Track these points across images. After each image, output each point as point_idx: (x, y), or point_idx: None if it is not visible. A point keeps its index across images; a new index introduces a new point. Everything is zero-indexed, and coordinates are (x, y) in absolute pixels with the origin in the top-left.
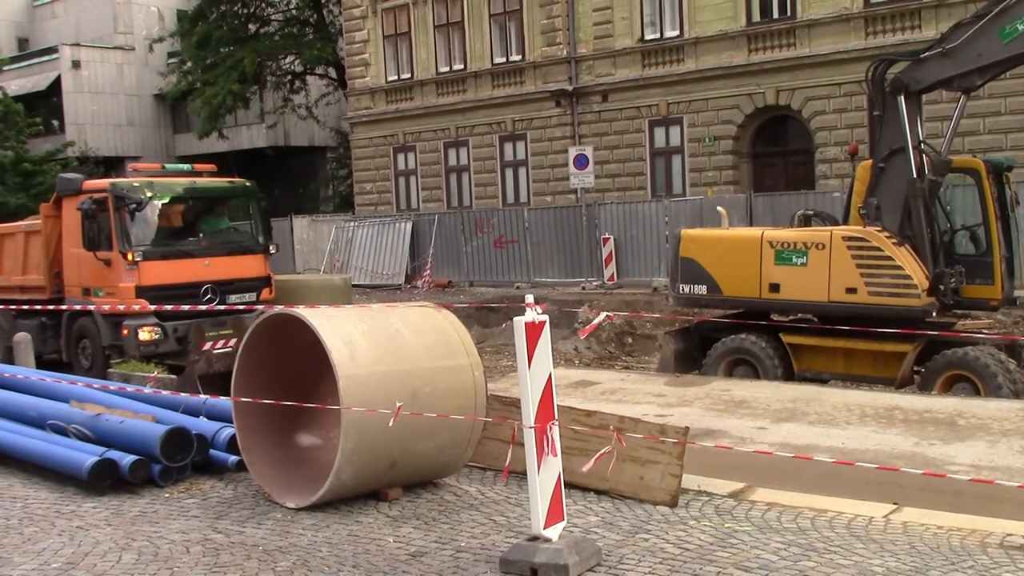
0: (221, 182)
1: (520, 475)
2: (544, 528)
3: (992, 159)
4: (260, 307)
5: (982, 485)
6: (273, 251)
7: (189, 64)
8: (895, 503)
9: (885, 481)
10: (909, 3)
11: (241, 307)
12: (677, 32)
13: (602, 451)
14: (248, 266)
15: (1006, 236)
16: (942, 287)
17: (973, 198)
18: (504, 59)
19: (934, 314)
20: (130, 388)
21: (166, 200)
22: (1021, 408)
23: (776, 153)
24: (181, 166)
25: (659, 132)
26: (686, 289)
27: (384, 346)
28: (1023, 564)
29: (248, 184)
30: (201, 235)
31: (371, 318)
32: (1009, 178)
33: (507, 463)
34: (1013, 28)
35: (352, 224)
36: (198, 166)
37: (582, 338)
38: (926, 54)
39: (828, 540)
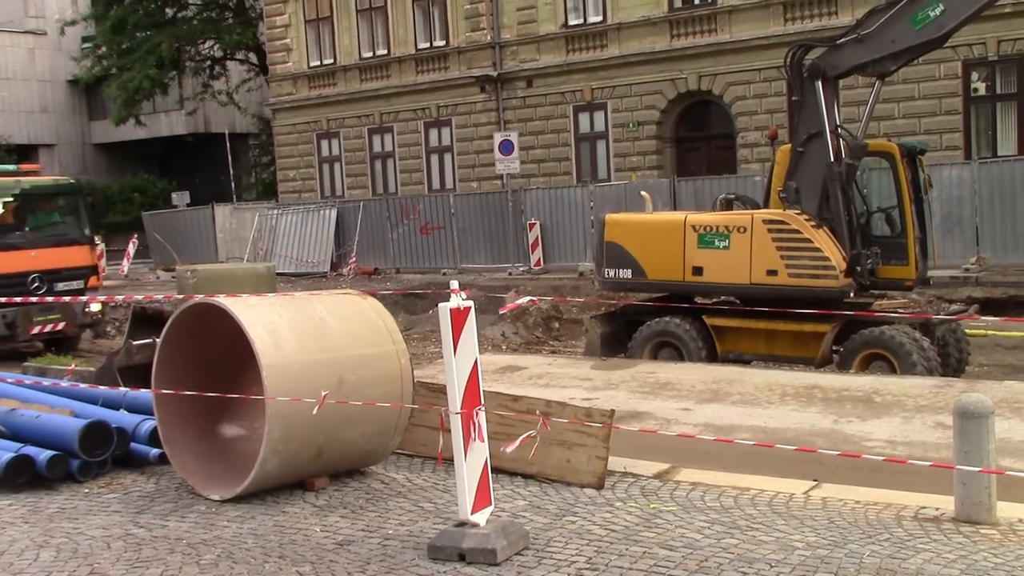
0: (46, 180)
1: (448, 461)
2: (472, 513)
3: (906, 143)
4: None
5: (906, 464)
6: (99, 243)
7: (104, 49)
8: (815, 480)
9: (806, 458)
10: None
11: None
12: (600, 18)
13: (525, 434)
14: (74, 256)
15: (920, 218)
16: (859, 268)
17: (888, 181)
18: (428, 44)
19: (852, 294)
20: (47, 382)
21: None
22: (934, 385)
23: (699, 138)
24: (7, 167)
25: (584, 117)
26: (611, 273)
27: (309, 334)
28: (936, 536)
29: (72, 182)
30: (28, 229)
31: (295, 306)
32: (923, 161)
33: (439, 450)
34: (925, 15)
35: (276, 212)
36: (24, 166)
37: (501, 313)
38: (842, 40)
39: (751, 517)
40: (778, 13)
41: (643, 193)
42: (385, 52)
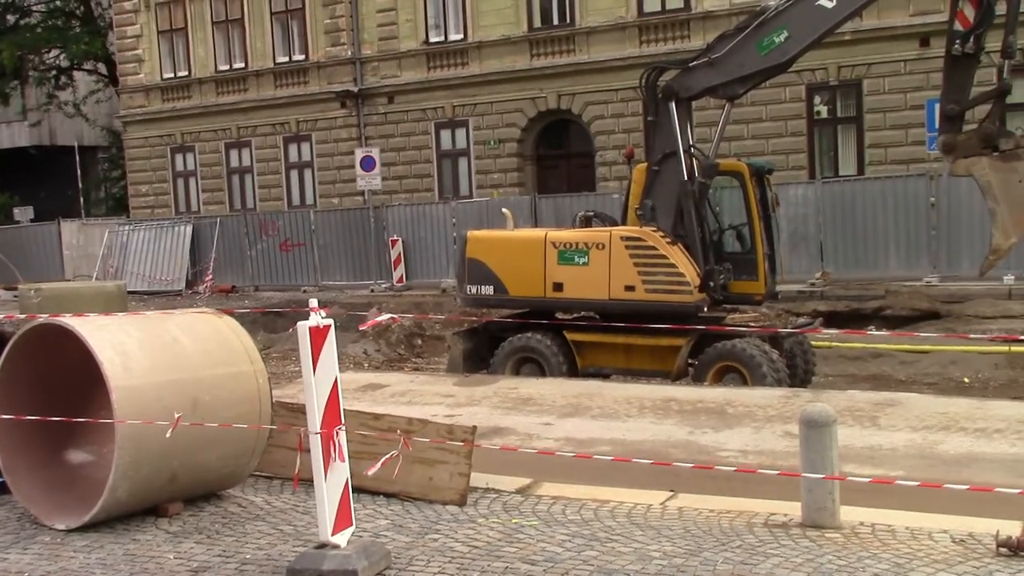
0: None
1: (309, 482)
2: (332, 535)
3: (755, 163)
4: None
5: (756, 473)
6: None
7: None
8: (671, 490)
9: (663, 469)
10: (679, 14)
11: None
12: (461, 36)
13: (388, 454)
14: None
15: (768, 235)
16: (712, 283)
17: (738, 199)
18: (287, 58)
19: (705, 309)
20: None
21: None
22: (783, 395)
23: (558, 156)
24: None
25: (445, 134)
26: (473, 290)
27: (161, 355)
28: (785, 541)
29: None
30: None
31: (146, 326)
32: (770, 180)
33: (296, 471)
34: (770, 41)
35: (127, 228)
36: None
37: (361, 329)
38: (694, 63)
39: (610, 529)
40: (634, 35)
41: (504, 210)
42: (242, 65)
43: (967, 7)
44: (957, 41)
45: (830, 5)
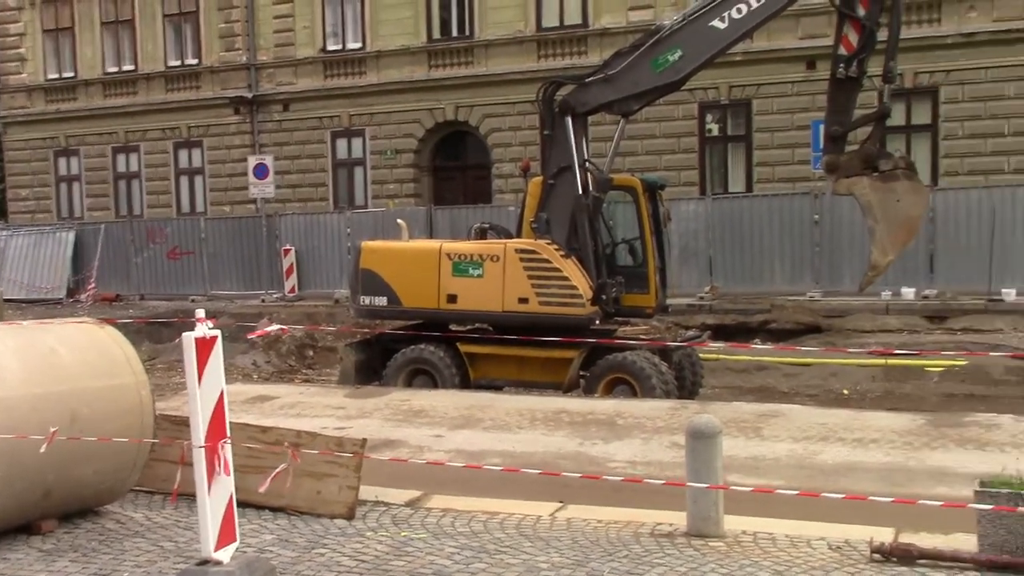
0: None
1: (192, 497)
2: (215, 551)
3: (648, 178)
4: None
5: (643, 483)
6: None
7: None
8: (561, 501)
9: (553, 480)
10: (576, 30)
11: None
12: (359, 44)
13: (278, 469)
14: None
15: (660, 249)
16: (604, 297)
17: (631, 214)
18: (179, 62)
19: (597, 322)
20: None
21: None
22: (671, 407)
23: (455, 167)
24: None
25: (341, 143)
26: (367, 301)
27: (37, 366)
28: (670, 550)
29: None
30: None
31: (22, 336)
32: (662, 195)
33: (175, 485)
34: (664, 59)
35: (5, 233)
36: None
37: (250, 339)
38: (590, 79)
39: (499, 541)
40: (532, 50)
41: (399, 221)
42: (132, 68)
43: (851, 33)
44: (841, 65)
45: (722, 26)
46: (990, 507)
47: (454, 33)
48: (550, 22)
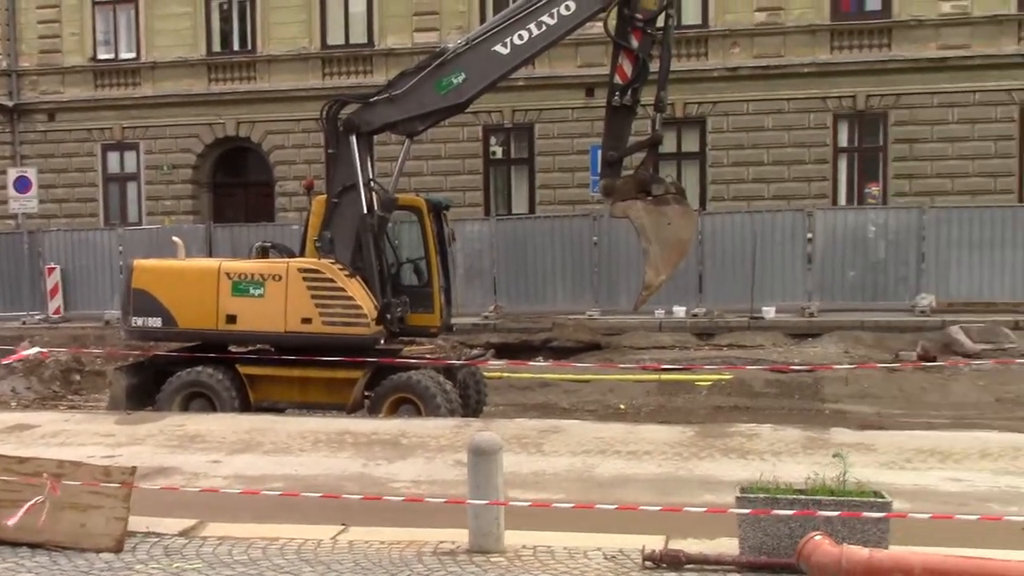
0: None
1: None
2: None
3: (433, 198)
4: None
5: (424, 502)
6: None
7: None
8: (343, 524)
9: (336, 503)
10: (362, 49)
11: None
12: (134, 55)
13: (31, 503)
14: None
15: (445, 269)
16: (389, 316)
17: (416, 234)
18: None
19: (382, 341)
20: None
21: None
22: (455, 425)
23: (236, 184)
24: None
25: (113, 157)
26: (139, 322)
27: None
28: (452, 568)
29: None
30: None
31: None
32: (447, 216)
33: None
34: (448, 81)
35: None
36: None
37: (6, 363)
38: (375, 98)
39: (278, 568)
40: (316, 67)
41: (175, 239)
42: None
43: (626, 63)
44: (617, 93)
45: (504, 52)
46: (748, 511)
47: (235, 47)
48: (335, 40)
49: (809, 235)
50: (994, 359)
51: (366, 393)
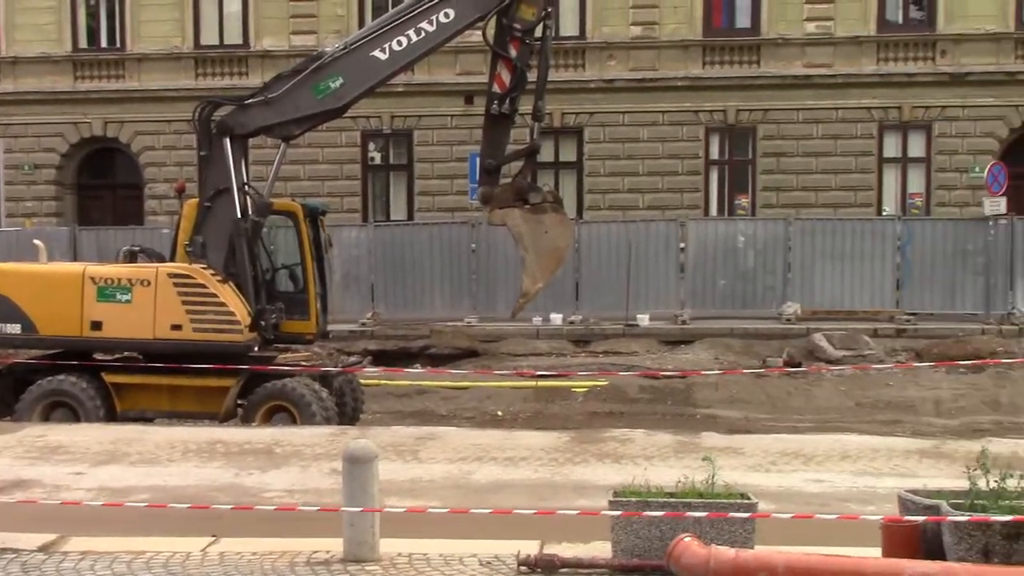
0: None
1: None
2: None
3: (309, 203)
4: None
5: (297, 511)
6: None
7: None
8: (214, 535)
9: (207, 514)
10: (237, 50)
11: None
12: None
13: None
14: None
15: (321, 275)
16: (263, 323)
17: (292, 239)
18: None
19: (256, 348)
20: None
21: None
22: (331, 433)
23: (104, 186)
24: None
25: None
26: None
27: None
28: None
29: None
30: None
31: None
32: (324, 222)
33: None
34: (326, 85)
35: None
36: None
37: None
38: (250, 101)
39: None
40: (189, 67)
41: (36, 242)
42: None
43: (504, 72)
44: (495, 102)
45: (383, 57)
46: (619, 513)
47: (103, 44)
48: (209, 40)
49: (682, 245)
50: (854, 365)
51: (239, 401)
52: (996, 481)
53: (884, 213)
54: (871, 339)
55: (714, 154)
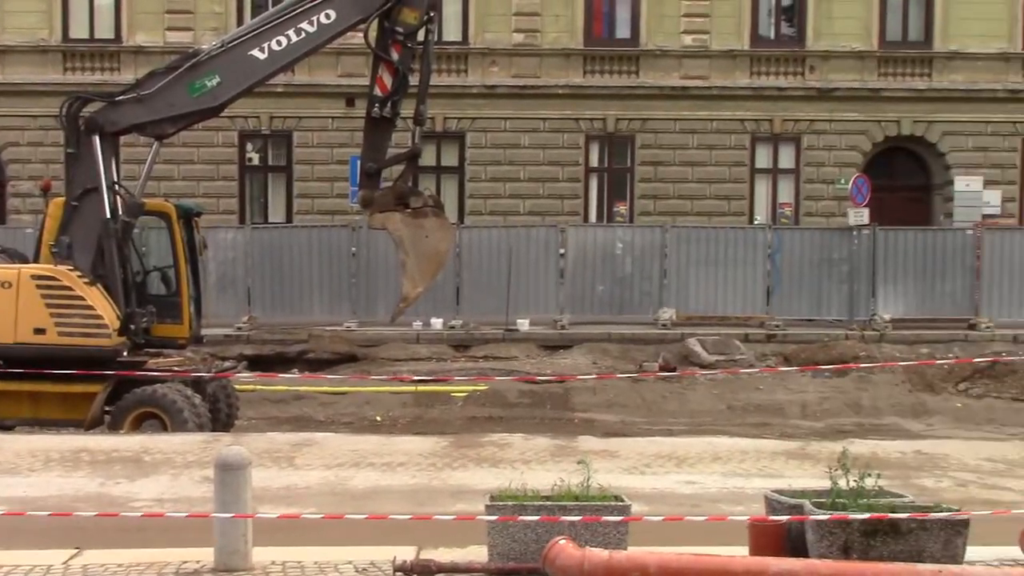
0: None
1: None
2: None
3: (183, 204)
4: None
5: (165, 518)
6: None
7: None
8: (77, 547)
9: (69, 526)
10: (108, 45)
11: None
12: None
13: None
14: None
15: (195, 278)
16: (133, 326)
17: (165, 241)
18: None
19: (126, 353)
20: None
21: None
22: (204, 440)
23: None
24: None
25: None
26: None
27: None
28: None
29: None
30: None
31: None
32: (198, 223)
33: None
34: (202, 84)
35: None
36: None
37: None
38: (122, 97)
39: None
40: (57, 61)
41: None
42: None
43: (385, 75)
44: (376, 105)
45: (262, 57)
46: (495, 517)
47: None
48: (79, 33)
49: (561, 251)
50: (726, 369)
51: (106, 408)
52: (855, 481)
53: (756, 222)
54: (742, 344)
55: (594, 162)
